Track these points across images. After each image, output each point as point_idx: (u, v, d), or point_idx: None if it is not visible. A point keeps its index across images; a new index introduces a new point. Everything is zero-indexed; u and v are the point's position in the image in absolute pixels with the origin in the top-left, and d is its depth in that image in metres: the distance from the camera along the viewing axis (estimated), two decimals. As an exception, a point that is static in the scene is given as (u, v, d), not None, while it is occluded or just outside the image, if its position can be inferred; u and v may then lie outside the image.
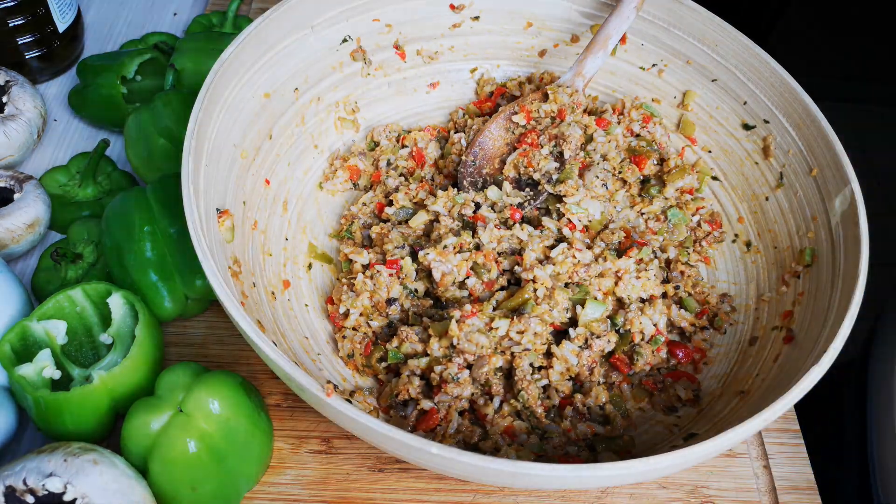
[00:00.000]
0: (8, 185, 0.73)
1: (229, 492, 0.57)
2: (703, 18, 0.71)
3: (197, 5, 1.02)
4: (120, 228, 0.66)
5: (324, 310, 0.67)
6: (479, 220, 0.67)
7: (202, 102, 0.58)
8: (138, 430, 0.55)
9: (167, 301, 0.65)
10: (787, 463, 0.64)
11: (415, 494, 0.61)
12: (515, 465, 0.44)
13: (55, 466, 0.50)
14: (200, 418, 0.54)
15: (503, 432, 0.58)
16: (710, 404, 0.60)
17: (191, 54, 0.83)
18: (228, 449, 0.55)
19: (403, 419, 0.60)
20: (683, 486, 0.62)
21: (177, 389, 0.56)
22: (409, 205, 0.70)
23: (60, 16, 0.85)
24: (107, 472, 0.51)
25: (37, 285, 0.71)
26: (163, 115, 0.74)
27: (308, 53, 0.69)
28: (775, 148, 0.68)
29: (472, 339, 0.59)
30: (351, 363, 0.63)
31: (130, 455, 0.55)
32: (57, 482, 0.49)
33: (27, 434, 0.65)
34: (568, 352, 0.59)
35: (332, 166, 0.74)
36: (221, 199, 0.60)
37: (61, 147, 0.85)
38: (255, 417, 0.57)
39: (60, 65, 0.90)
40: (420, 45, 0.76)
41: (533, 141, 0.70)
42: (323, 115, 0.74)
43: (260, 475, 0.60)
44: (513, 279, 0.65)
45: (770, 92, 0.68)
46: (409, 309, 0.64)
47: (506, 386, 0.60)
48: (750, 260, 0.69)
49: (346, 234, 0.71)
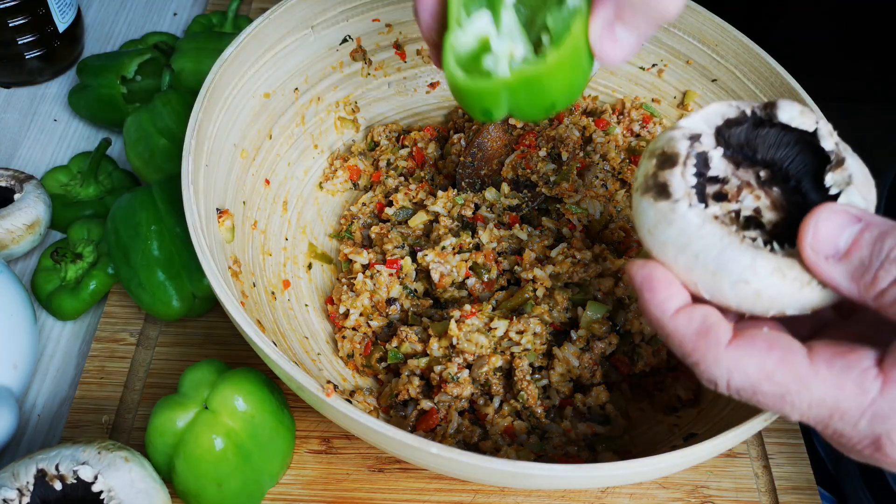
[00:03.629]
0: (8, 184, 0.73)
1: (253, 489, 0.57)
2: (703, 18, 0.71)
3: (197, 5, 1.02)
4: (126, 227, 0.66)
5: (324, 310, 0.67)
6: (479, 221, 0.67)
7: (202, 102, 0.58)
8: (164, 427, 0.55)
9: (175, 300, 0.65)
10: (787, 463, 0.64)
11: (415, 494, 0.61)
12: (515, 465, 0.44)
13: (89, 457, 0.51)
14: (226, 415, 0.55)
15: (503, 432, 0.58)
16: (710, 404, 0.60)
17: (190, 54, 0.83)
18: (253, 446, 0.56)
19: (403, 419, 0.60)
20: (683, 486, 0.62)
21: (202, 387, 0.56)
22: (409, 205, 0.70)
23: (60, 16, 0.86)
24: (136, 470, 0.52)
25: (37, 285, 0.71)
26: (163, 115, 0.75)
27: (308, 53, 0.69)
28: (775, 148, 0.68)
29: (472, 339, 0.59)
30: (351, 363, 0.63)
31: (156, 452, 0.56)
32: (88, 471, 0.50)
33: (27, 434, 0.65)
34: (569, 353, 0.59)
35: (332, 166, 0.74)
36: (221, 199, 0.60)
37: (61, 147, 0.85)
38: (279, 414, 0.58)
39: (60, 65, 0.90)
40: (420, 45, 0.76)
41: (531, 143, 0.70)
42: (323, 115, 0.74)
43: (282, 473, 0.61)
44: (513, 279, 0.65)
45: (770, 92, 0.68)
46: (409, 309, 0.64)
47: (506, 386, 0.60)
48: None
49: (345, 234, 0.71)
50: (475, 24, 0.45)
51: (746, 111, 0.42)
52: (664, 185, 0.39)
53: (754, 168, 0.42)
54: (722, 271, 0.38)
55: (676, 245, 0.39)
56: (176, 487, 0.56)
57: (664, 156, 0.40)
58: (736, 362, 0.38)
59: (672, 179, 0.39)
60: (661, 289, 0.40)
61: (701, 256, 0.38)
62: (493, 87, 0.45)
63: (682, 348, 0.40)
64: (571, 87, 0.45)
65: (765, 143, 0.42)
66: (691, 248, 0.39)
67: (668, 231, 0.39)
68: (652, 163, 0.41)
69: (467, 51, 0.46)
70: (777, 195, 0.41)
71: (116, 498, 0.50)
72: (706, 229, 0.38)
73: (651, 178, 0.40)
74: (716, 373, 0.39)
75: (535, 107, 0.47)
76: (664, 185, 0.40)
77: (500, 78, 0.44)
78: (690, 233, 0.39)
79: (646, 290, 0.40)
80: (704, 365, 0.39)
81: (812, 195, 0.41)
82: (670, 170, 0.40)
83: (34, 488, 0.50)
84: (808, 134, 0.41)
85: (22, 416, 0.66)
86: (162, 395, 0.61)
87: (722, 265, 0.38)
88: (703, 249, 0.38)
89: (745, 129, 0.42)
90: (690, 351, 0.39)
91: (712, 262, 0.38)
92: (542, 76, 0.44)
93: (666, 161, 0.40)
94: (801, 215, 0.39)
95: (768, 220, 0.41)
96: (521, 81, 0.44)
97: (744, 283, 0.38)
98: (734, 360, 0.38)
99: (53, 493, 0.51)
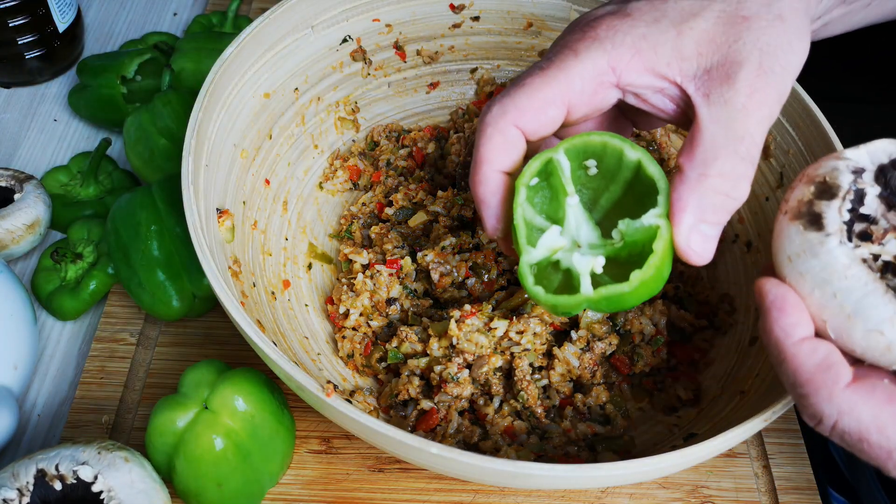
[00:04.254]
0: (8, 184, 0.73)
1: (253, 489, 0.57)
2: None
3: (197, 5, 1.02)
4: (126, 228, 0.66)
5: (324, 310, 0.67)
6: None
7: (202, 102, 0.58)
8: (164, 427, 0.55)
9: (175, 300, 0.65)
10: (787, 463, 0.64)
11: (415, 494, 0.61)
12: (515, 465, 0.44)
13: (89, 457, 0.51)
14: (226, 415, 0.55)
15: (503, 432, 0.58)
16: (710, 404, 0.60)
17: (190, 54, 0.83)
18: (253, 446, 0.56)
19: (403, 419, 0.60)
20: (683, 486, 0.62)
21: (202, 387, 0.56)
22: (409, 205, 0.70)
23: (60, 16, 0.86)
24: (135, 470, 0.52)
25: (37, 285, 0.71)
26: (163, 115, 0.75)
27: (308, 53, 0.69)
28: (775, 148, 0.68)
29: (472, 339, 0.59)
30: (351, 363, 0.63)
31: (156, 452, 0.56)
32: (88, 471, 0.51)
33: (27, 434, 0.65)
34: (569, 354, 0.59)
35: (332, 166, 0.74)
36: (221, 199, 0.60)
37: (61, 147, 0.85)
38: (279, 414, 0.58)
39: (60, 65, 0.90)
40: (420, 45, 0.76)
41: (532, 141, 0.70)
42: (323, 115, 0.74)
43: (282, 473, 0.61)
44: (513, 279, 0.65)
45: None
46: (409, 309, 0.64)
47: (506, 386, 0.60)
48: (750, 260, 0.69)
49: (345, 234, 0.71)
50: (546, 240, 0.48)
51: None
52: (818, 216, 0.39)
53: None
54: (858, 316, 0.38)
55: (817, 279, 0.39)
56: (176, 487, 0.56)
57: (824, 185, 0.40)
58: (850, 405, 0.37)
59: (828, 212, 0.39)
60: (793, 312, 0.39)
61: (839, 297, 0.38)
62: (576, 304, 0.46)
63: (797, 377, 0.39)
64: (653, 292, 0.47)
65: None
66: (831, 287, 0.38)
67: (810, 263, 0.39)
68: (809, 189, 0.40)
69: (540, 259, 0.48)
70: None
71: (116, 498, 0.50)
72: (852, 271, 0.38)
73: (805, 205, 0.40)
74: (826, 410, 0.38)
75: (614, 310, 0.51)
76: (818, 215, 0.39)
77: (582, 297, 0.46)
78: (835, 270, 0.38)
79: (776, 309, 0.40)
80: (815, 399, 0.38)
81: None
82: (828, 202, 0.39)
83: (34, 488, 0.50)
84: None
85: (22, 416, 0.66)
86: (162, 395, 0.61)
87: (860, 311, 0.38)
88: (843, 290, 0.38)
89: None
90: (804, 381, 0.38)
91: (850, 305, 0.38)
92: (626, 295, 0.45)
93: (825, 191, 0.39)
94: None
95: None
96: (605, 298, 0.46)
97: (878, 334, 0.37)
98: (849, 402, 0.37)
99: (53, 493, 0.51)
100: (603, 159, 0.48)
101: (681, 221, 0.44)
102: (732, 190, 0.44)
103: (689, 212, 0.44)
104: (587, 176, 0.50)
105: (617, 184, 0.49)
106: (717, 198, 0.44)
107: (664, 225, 0.45)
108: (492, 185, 0.48)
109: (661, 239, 0.45)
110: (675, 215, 0.44)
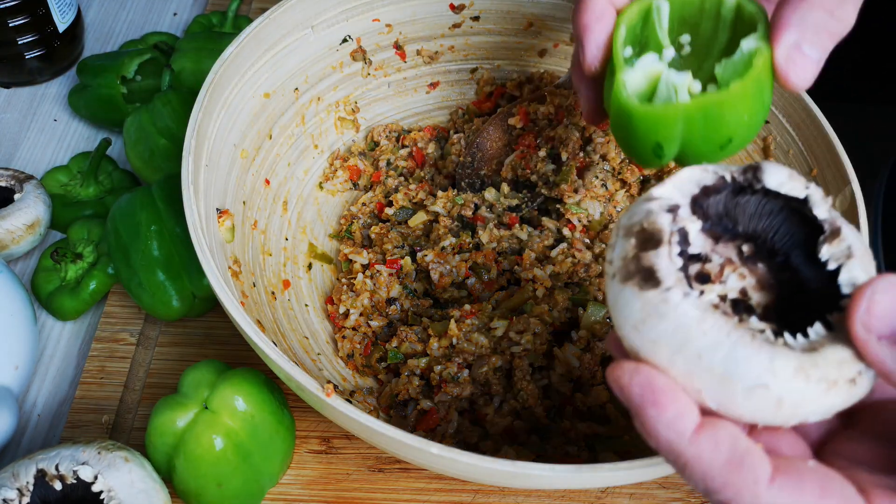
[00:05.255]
0: (8, 184, 0.73)
1: (253, 489, 0.57)
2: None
3: (197, 5, 1.02)
4: (126, 228, 0.66)
5: (324, 310, 0.67)
6: (479, 221, 0.67)
7: (202, 102, 0.58)
8: (164, 427, 0.55)
9: (175, 300, 0.65)
10: (787, 463, 0.64)
11: (415, 494, 0.61)
12: (515, 465, 0.44)
13: (89, 457, 0.51)
14: (226, 415, 0.55)
15: (503, 432, 0.58)
16: (709, 404, 0.60)
17: (190, 54, 0.83)
18: (253, 446, 0.56)
19: (403, 419, 0.60)
20: (683, 486, 0.62)
21: (201, 387, 0.56)
22: (409, 205, 0.70)
23: (60, 16, 0.86)
24: (135, 470, 0.52)
25: (37, 285, 0.71)
26: (163, 115, 0.75)
27: (308, 53, 0.69)
28: (775, 148, 0.68)
29: (472, 339, 0.59)
30: (351, 363, 0.63)
31: (156, 452, 0.56)
32: (88, 471, 0.51)
33: (27, 434, 0.65)
34: (570, 354, 0.59)
35: (332, 166, 0.74)
36: (221, 199, 0.60)
37: (61, 147, 0.85)
38: (279, 414, 0.58)
39: (60, 65, 0.90)
40: (420, 45, 0.76)
41: (530, 143, 0.70)
42: (323, 115, 0.74)
43: (282, 473, 0.61)
44: (512, 279, 0.65)
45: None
46: (409, 309, 0.64)
47: (506, 386, 0.60)
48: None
49: (345, 234, 0.71)
50: (645, 62, 0.45)
51: (725, 176, 0.37)
52: (650, 271, 0.33)
53: (735, 242, 0.38)
54: (732, 376, 0.32)
55: (672, 344, 0.32)
56: (176, 487, 0.56)
57: (644, 233, 0.34)
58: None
59: (659, 263, 0.33)
60: (669, 403, 0.32)
61: (705, 357, 0.32)
62: (671, 114, 0.43)
63: (708, 482, 0.32)
64: (752, 120, 0.43)
65: (745, 212, 0.38)
66: (691, 348, 0.32)
67: (660, 327, 0.33)
68: (630, 242, 0.34)
69: (636, 90, 0.45)
70: (763, 272, 0.37)
71: (116, 498, 0.50)
72: (708, 323, 0.32)
73: (633, 262, 0.34)
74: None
75: (711, 142, 0.44)
76: (650, 270, 0.33)
77: (679, 104, 0.42)
78: (689, 328, 0.32)
79: (650, 405, 0.33)
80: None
81: (805, 271, 0.36)
82: (654, 251, 0.34)
83: (34, 488, 0.50)
84: (794, 200, 0.36)
85: (22, 416, 0.66)
86: (162, 395, 0.61)
87: (732, 368, 0.32)
88: (706, 348, 0.32)
89: (724, 198, 0.37)
90: (720, 486, 0.32)
91: (719, 364, 0.32)
92: (725, 104, 0.42)
93: (648, 240, 0.34)
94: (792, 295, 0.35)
95: (757, 302, 0.36)
96: (702, 109, 0.42)
97: (762, 389, 0.31)
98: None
99: (53, 494, 0.51)
100: (700, 25, 0.46)
101: (781, 38, 0.41)
102: (837, 8, 0.40)
103: (791, 30, 0.40)
104: (682, 57, 0.47)
105: (712, 57, 0.47)
106: (821, 16, 0.40)
107: (764, 46, 0.41)
108: (598, 10, 0.45)
109: (761, 55, 0.41)
110: (776, 33, 0.41)
